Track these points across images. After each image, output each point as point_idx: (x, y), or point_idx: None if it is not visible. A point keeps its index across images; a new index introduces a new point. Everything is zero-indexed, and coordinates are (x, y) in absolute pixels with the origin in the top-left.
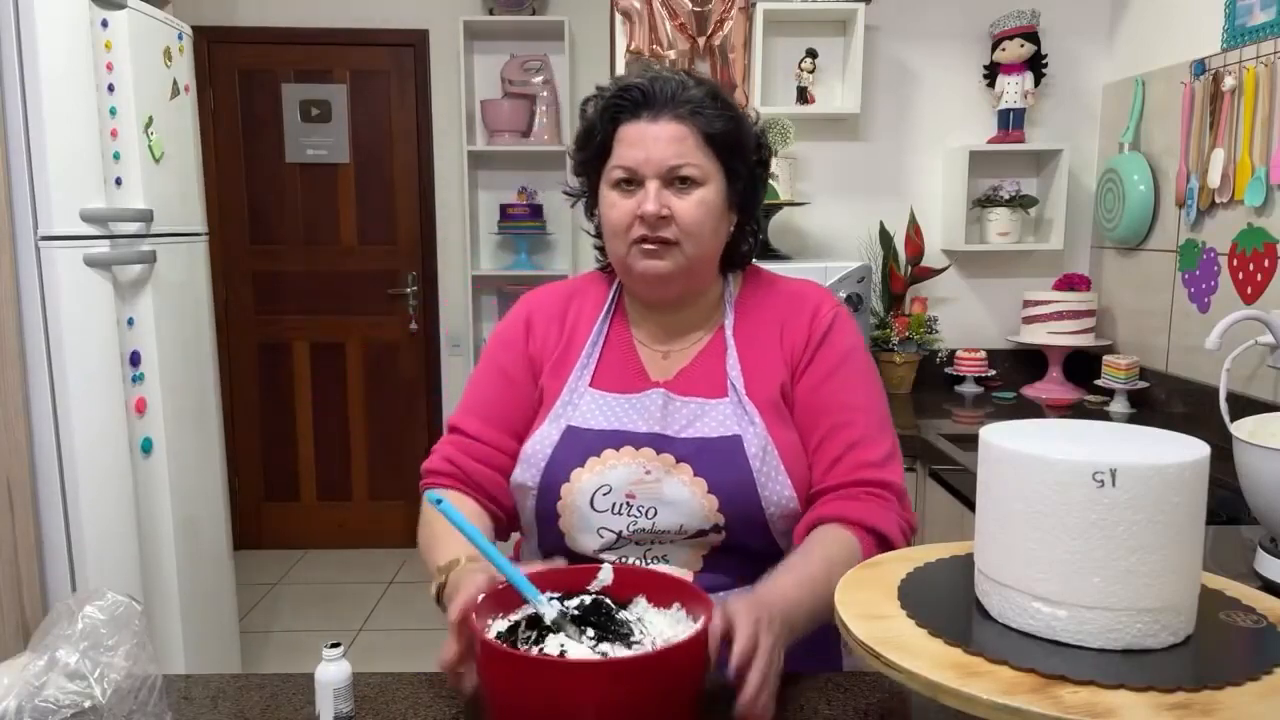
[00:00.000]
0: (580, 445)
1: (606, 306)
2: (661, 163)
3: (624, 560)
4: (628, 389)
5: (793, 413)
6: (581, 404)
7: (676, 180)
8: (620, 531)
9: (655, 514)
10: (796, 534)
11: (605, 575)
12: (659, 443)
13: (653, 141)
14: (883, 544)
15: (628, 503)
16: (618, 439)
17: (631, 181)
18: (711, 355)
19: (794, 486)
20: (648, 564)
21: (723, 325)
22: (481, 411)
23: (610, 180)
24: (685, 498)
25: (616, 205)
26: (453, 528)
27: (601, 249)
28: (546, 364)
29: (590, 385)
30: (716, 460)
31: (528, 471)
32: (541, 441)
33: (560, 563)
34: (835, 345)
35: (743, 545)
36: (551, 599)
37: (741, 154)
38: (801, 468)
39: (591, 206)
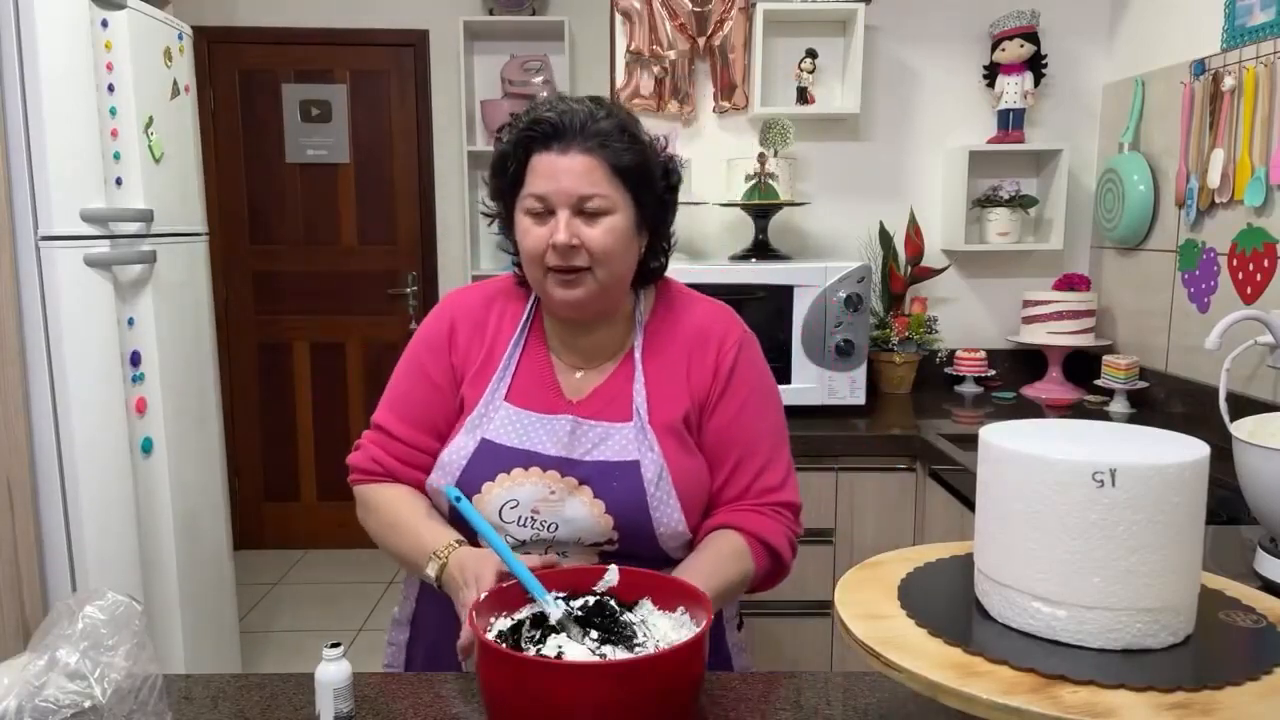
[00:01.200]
0: (493, 459)
1: (524, 320)
2: (572, 192)
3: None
4: (541, 407)
5: (701, 442)
6: (496, 417)
7: (585, 210)
8: (525, 540)
9: (556, 529)
10: (698, 539)
11: (611, 576)
12: (564, 466)
13: (563, 173)
14: (770, 553)
15: (532, 517)
16: (527, 459)
17: (542, 210)
18: (621, 377)
19: (684, 511)
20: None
21: (633, 347)
22: (406, 413)
23: (524, 208)
24: (584, 516)
25: (530, 232)
26: (417, 511)
27: (520, 263)
28: (468, 373)
29: (505, 399)
30: (615, 483)
31: (443, 478)
32: (458, 452)
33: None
34: (741, 379)
35: (634, 552)
36: (557, 599)
37: (648, 183)
38: (696, 492)
39: (507, 225)
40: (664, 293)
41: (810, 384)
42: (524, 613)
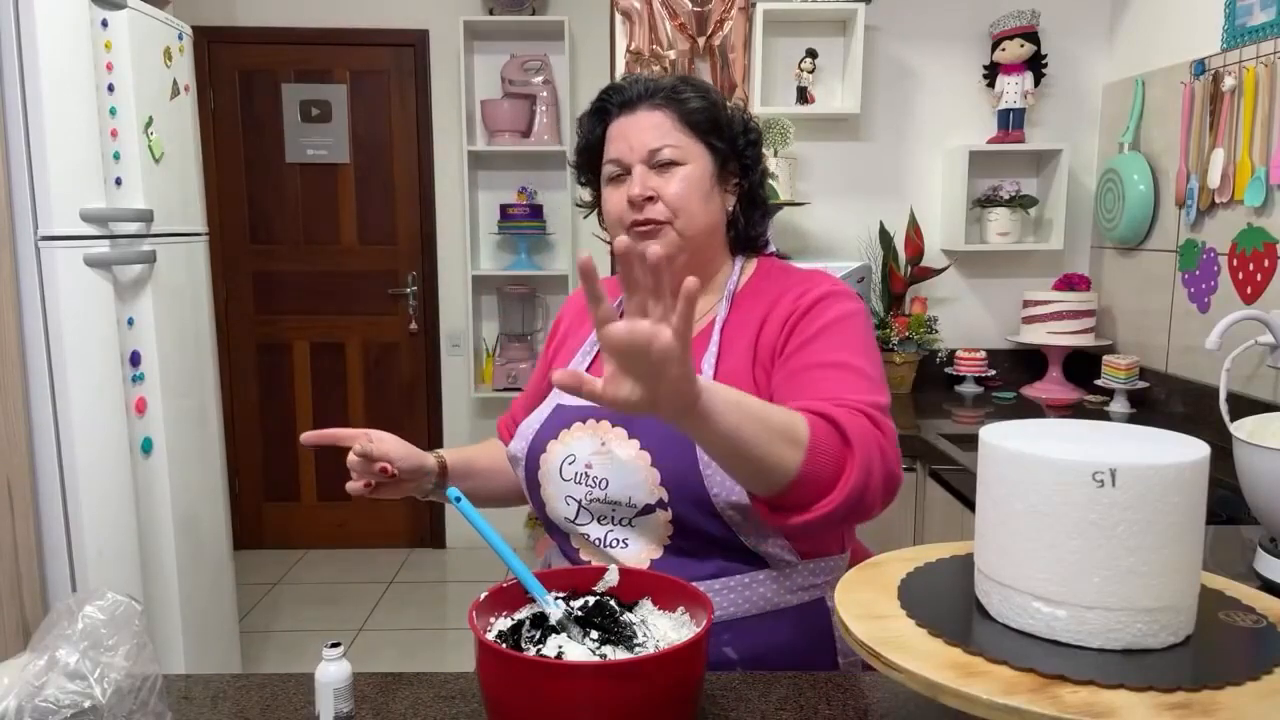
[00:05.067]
0: (560, 420)
1: (622, 297)
2: (642, 147)
3: (587, 539)
4: None
5: (772, 397)
6: None
7: (659, 163)
8: (580, 500)
9: (607, 485)
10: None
11: (611, 576)
12: (617, 417)
13: (634, 131)
14: (827, 421)
15: (586, 472)
16: (585, 413)
17: (621, 174)
18: (699, 344)
19: None
20: (606, 548)
21: (716, 316)
22: (525, 394)
23: (606, 177)
24: (631, 469)
25: (610, 198)
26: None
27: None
28: (564, 353)
29: (587, 370)
30: (664, 437)
31: (519, 443)
32: (535, 418)
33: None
34: (817, 317)
35: (697, 529)
36: (557, 599)
37: (719, 131)
38: None
39: (600, 212)
40: (765, 265)
41: None
42: (524, 613)
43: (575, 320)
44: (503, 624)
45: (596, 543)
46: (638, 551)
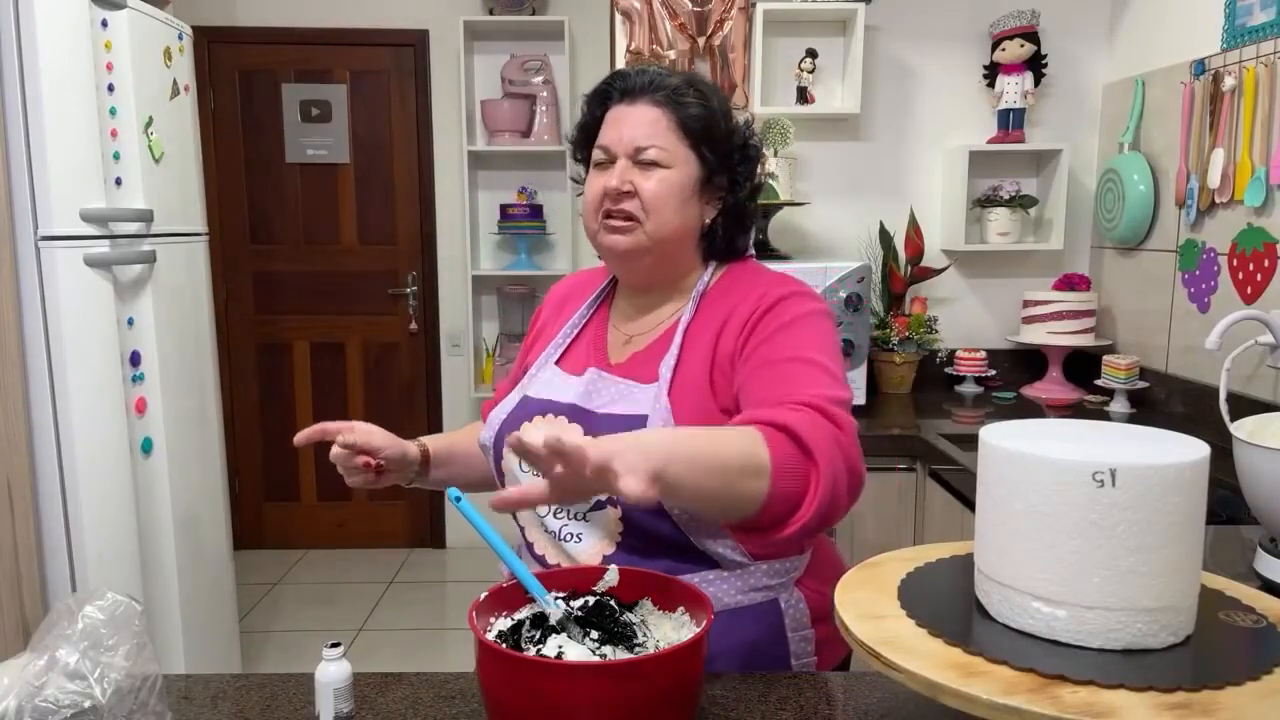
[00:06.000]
0: (525, 412)
1: (596, 293)
2: (631, 142)
3: (544, 532)
4: (581, 369)
5: (736, 392)
6: (541, 377)
7: (644, 161)
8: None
9: None
10: None
11: (611, 576)
12: (579, 415)
13: (628, 124)
14: (788, 436)
15: None
16: (548, 407)
17: (607, 161)
18: (662, 345)
19: None
20: (561, 541)
21: (681, 317)
22: (507, 381)
23: (593, 161)
24: None
25: (592, 183)
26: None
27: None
28: (542, 340)
29: (556, 363)
30: (616, 434)
31: (487, 432)
32: (503, 408)
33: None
34: (777, 316)
35: (646, 527)
36: (557, 599)
37: (713, 142)
38: None
39: None
40: (736, 268)
41: None
42: (524, 613)
43: (554, 310)
44: (503, 624)
45: (552, 536)
46: (589, 547)
